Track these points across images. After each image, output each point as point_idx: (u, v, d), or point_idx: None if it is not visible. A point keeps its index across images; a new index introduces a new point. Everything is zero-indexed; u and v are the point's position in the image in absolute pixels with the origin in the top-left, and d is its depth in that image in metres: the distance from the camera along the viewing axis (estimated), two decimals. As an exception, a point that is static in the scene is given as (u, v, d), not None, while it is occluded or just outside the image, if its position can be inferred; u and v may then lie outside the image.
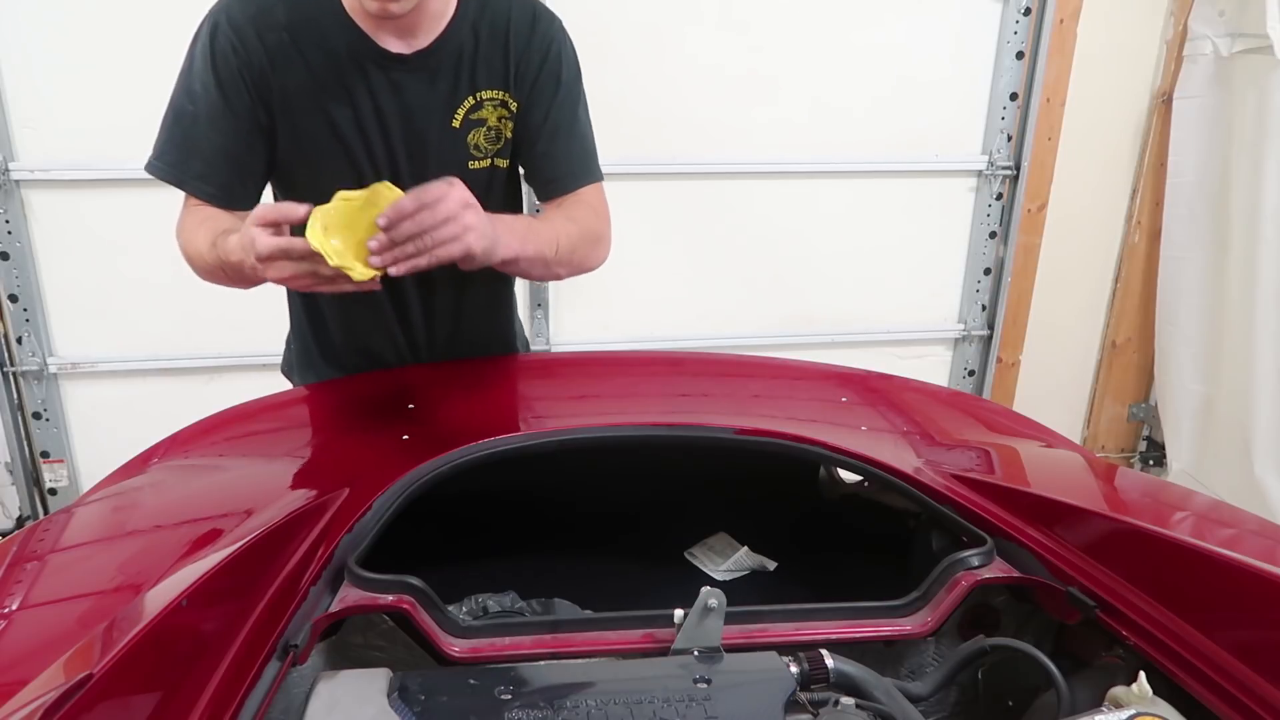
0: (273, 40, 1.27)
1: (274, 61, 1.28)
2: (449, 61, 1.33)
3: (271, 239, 1.06)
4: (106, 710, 0.66)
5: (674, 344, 3.09)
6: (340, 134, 1.35)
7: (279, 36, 1.27)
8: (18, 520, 2.90)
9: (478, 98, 1.38)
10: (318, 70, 1.30)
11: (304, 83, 1.30)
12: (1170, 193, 3.24)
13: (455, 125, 1.38)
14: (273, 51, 1.28)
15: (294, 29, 1.28)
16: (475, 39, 1.34)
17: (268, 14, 1.27)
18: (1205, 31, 3.05)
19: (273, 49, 1.28)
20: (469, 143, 1.41)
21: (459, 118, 1.37)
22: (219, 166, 1.31)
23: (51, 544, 1.06)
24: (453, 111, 1.37)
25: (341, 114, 1.33)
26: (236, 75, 1.27)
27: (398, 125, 1.36)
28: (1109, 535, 1.08)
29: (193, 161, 1.30)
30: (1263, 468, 3.02)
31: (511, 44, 1.36)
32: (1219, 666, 0.89)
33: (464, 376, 1.61)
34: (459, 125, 1.38)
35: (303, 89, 1.30)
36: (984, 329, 3.38)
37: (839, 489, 1.61)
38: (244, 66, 1.27)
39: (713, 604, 0.96)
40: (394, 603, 0.98)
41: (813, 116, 3.03)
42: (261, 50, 1.27)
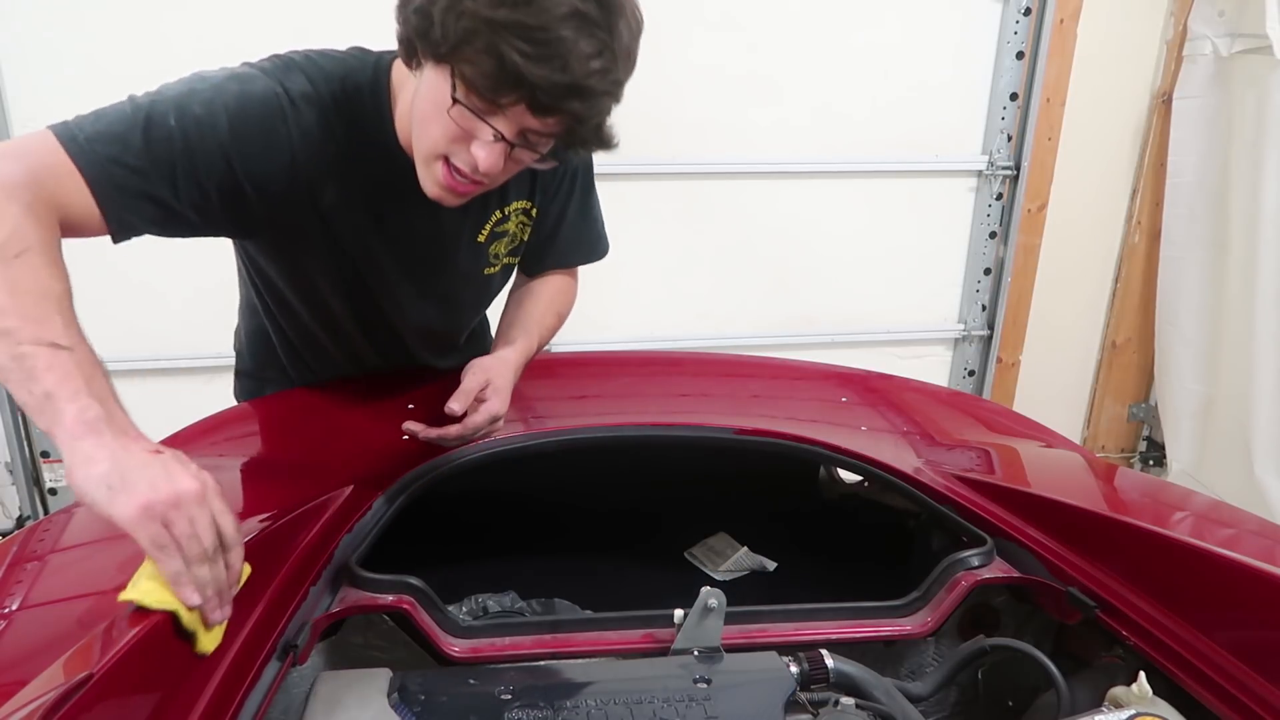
0: (331, 154, 1.14)
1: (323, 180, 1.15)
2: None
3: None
4: (106, 710, 0.66)
5: (674, 344, 3.08)
6: (359, 256, 1.26)
7: (335, 149, 1.15)
8: (18, 520, 2.90)
9: (505, 211, 1.33)
10: (356, 193, 1.19)
11: (339, 196, 1.18)
12: (1170, 193, 3.24)
13: (480, 240, 1.34)
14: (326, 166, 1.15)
15: (349, 144, 1.16)
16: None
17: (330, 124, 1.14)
18: (1205, 31, 3.05)
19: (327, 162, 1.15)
20: (489, 253, 1.37)
21: (485, 232, 1.33)
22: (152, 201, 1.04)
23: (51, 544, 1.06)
24: (480, 227, 1.32)
25: (367, 237, 1.24)
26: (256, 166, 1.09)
27: (425, 244, 1.29)
28: (1109, 535, 1.08)
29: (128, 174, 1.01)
30: (1263, 468, 3.02)
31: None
32: (1219, 666, 0.89)
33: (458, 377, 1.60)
34: (484, 239, 1.34)
35: (335, 202, 1.19)
36: (984, 329, 3.38)
37: (839, 489, 1.61)
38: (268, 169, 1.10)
39: (713, 604, 0.96)
40: (394, 603, 0.98)
41: (813, 117, 3.03)
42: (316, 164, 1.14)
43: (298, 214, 1.17)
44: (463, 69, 0.98)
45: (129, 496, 0.74)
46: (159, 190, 1.03)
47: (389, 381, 1.50)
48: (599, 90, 0.99)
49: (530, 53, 0.94)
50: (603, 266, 1.59)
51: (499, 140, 1.02)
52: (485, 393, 1.20)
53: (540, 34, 0.94)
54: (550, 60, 0.95)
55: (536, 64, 0.94)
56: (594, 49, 0.96)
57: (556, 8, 0.94)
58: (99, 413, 0.78)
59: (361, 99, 1.16)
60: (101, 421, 0.77)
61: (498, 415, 1.20)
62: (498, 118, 1.01)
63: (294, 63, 1.14)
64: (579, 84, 0.97)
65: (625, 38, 1.01)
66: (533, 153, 1.07)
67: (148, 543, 0.74)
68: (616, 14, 0.99)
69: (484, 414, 1.19)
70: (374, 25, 1.31)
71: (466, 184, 1.08)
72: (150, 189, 1.03)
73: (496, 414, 1.20)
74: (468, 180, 1.08)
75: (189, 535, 0.75)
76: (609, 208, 1.52)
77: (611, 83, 1.01)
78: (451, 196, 1.11)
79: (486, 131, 1.02)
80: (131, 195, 1.02)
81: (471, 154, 1.04)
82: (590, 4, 0.96)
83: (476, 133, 1.03)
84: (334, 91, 1.14)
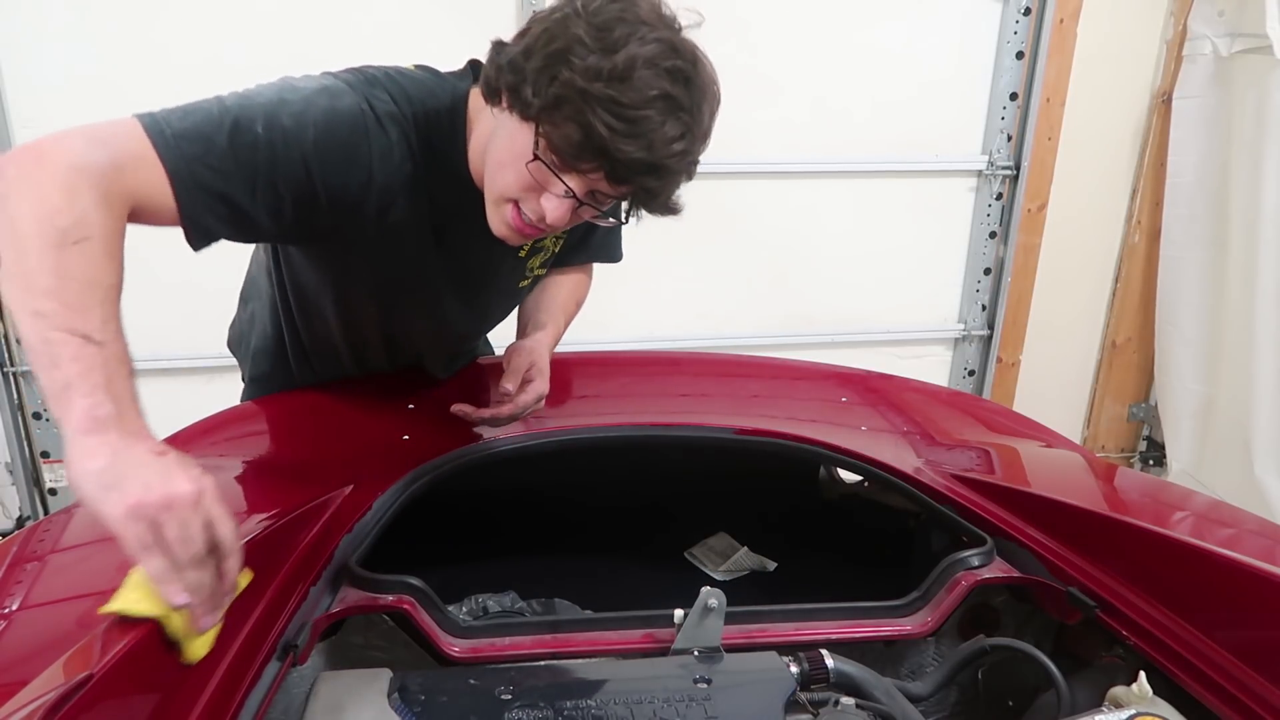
0: (408, 172, 1.15)
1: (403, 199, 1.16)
2: None
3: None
4: (106, 710, 0.66)
5: (674, 344, 3.08)
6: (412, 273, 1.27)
7: (412, 169, 1.15)
8: (18, 520, 2.90)
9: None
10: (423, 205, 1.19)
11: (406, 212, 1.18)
12: (1170, 193, 3.24)
13: (522, 255, 1.36)
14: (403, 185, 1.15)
15: (426, 166, 1.17)
16: None
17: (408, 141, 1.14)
18: (1205, 31, 3.05)
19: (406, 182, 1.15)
20: (527, 266, 1.41)
21: (526, 248, 1.35)
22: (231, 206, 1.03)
23: (51, 544, 1.06)
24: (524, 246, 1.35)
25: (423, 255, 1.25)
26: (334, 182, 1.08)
27: (472, 269, 1.32)
28: (1109, 535, 1.08)
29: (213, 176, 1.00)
30: (1263, 468, 3.02)
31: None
32: (1219, 666, 0.89)
33: (464, 377, 1.61)
34: (525, 254, 1.37)
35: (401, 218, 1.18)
36: (984, 329, 3.38)
37: (839, 489, 1.61)
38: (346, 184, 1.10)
39: (713, 604, 0.96)
40: (394, 603, 0.98)
41: (813, 116, 3.03)
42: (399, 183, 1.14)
43: (364, 226, 1.16)
44: (548, 130, 1.01)
45: (120, 495, 0.73)
46: (237, 194, 1.03)
47: (389, 381, 1.50)
48: (675, 170, 1.04)
49: (618, 129, 0.97)
50: (603, 266, 1.59)
51: (569, 197, 1.06)
52: (530, 372, 1.30)
53: (630, 112, 0.97)
54: (636, 139, 0.98)
55: (622, 139, 0.98)
56: (678, 131, 1.00)
57: (649, 89, 0.97)
58: (110, 411, 0.77)
59: (440, 123, 1.17)
60: (110, 420, 0.77)
61: (543, 394, 1.30)
62: (571, 175, 1.04)
63: (377, 80, 1.14)
64: (659, 163, 1.01)
65: (706, 120, 1.05)
66: (596, 210, 1.10)
67: (133, 542, 0.73)
68: (703, 98, 1.03)
69: (532, 393, 1.29)
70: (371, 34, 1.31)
71: (531, 229, 1.12)
72: (229, 191, 1.02)
73: (542, 392, 1.30)
74: (532, 226, 1.11)
75: (179, 539, 0.74)
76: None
77: (689, 163, 1.06)
78: (516, 237, 1.15)
79: (559, 187, 1.05)
80: (210, 195, 1.01)
81: (541, 205, 1.07)
82: (680, 87, 1.00)
83: (549, 186, 1.05)
84: (415, 113, 1.15)
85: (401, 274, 1.27)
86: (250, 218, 1.05)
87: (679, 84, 1.00)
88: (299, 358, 1.49)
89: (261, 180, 1.03)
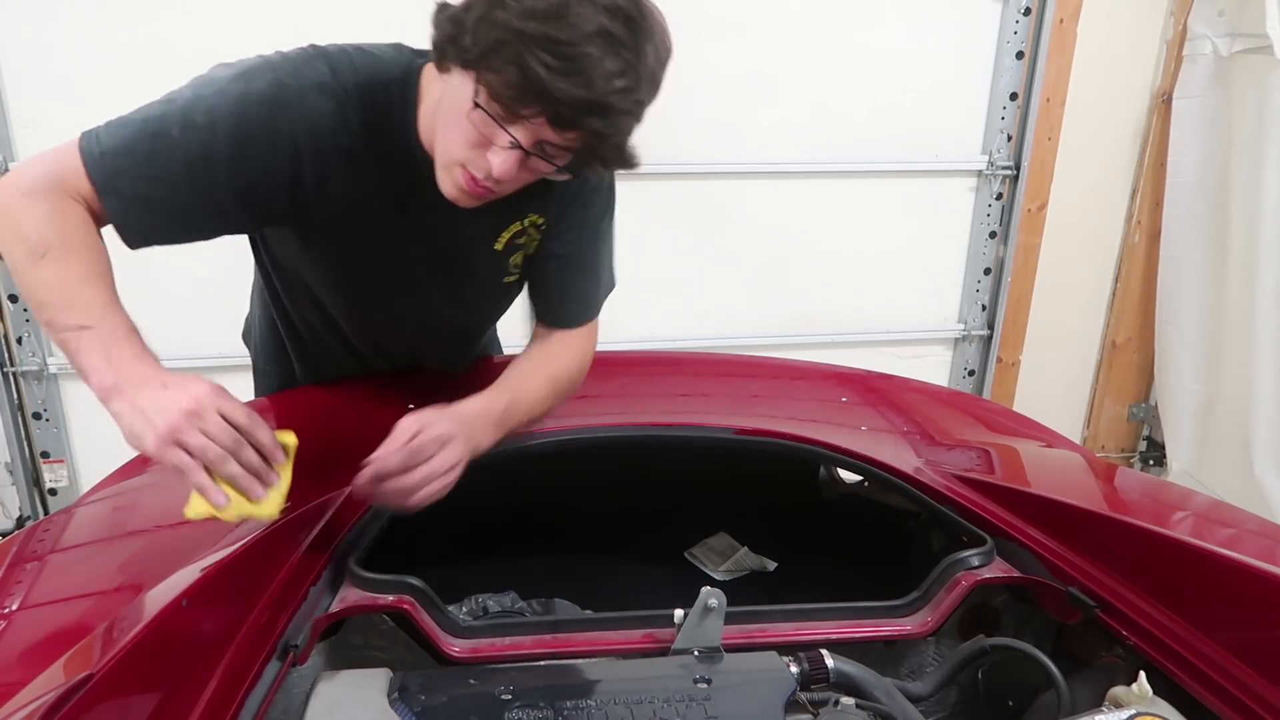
0: (344, 145, 1.13)
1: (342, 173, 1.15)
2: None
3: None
4: (106, 710, 0.66)
5: (674, 344, 3.08)
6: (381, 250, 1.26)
7: (350, 143, 1.13)
8: (18, 520, 2.90)
9: (524, 223, 1.30)
10: (375, 185, 1.19)
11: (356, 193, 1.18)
12: (1170, 193, 3.23)
13: (498, 249, 1.31)
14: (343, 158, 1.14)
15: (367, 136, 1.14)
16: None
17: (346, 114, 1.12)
18: (1205, 31, 3.05)
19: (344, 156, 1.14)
20: (509, 263, 1.34)
21: (503, 241, 1.30)
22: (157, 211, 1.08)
23: (51, 544, 1.06)
24: (498, 235, 1.29)
25: (388, 231, 1.24)
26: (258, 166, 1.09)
27: (444, 249, 1.29)
28: (1109, 535, 1.08)
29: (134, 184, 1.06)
30: (1263, 468, 3.02)
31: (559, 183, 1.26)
32: (1219, 666, 0.89)
33: (465, 377, 1.60)
34: (502, 248, 1.31)
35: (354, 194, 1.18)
36: (984, 329, 3.38)
37: (839, 489, 1.61)
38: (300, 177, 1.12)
39: (713, 604, 0.96)
40: (394, 603, 0.98)
41: (812, 116, 3.03)
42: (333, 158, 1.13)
43: (308, 200, 1.17)
44: (488, 77, 0.99)
45: (150, 436, 0.90)
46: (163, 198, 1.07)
47: (389, 381, 1.50)
48: (620, 108, 0.99)
49: (555, 66, 0.95)
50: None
51: (515, 148, 1.03)
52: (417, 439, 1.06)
53: (567, 49, 0.95)
54: (574, 75, 0.95)
55: (560, 78, 0.95)
56: (618, 68, 0.97)
57: (585, 24, 0.95)
58: (113, 379, 0.94)
59: (389, 95, 1.16)
60: (116, 385, 0.94)
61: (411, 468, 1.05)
62: (517, 126, 1.01)
63: (324, 53, 1.15)
64: (600, 101, 0.97)
65: (651, 60, 1.01)
66: (549, 164, 1.07)
67: (174, 468, 0.90)
68: (644, 36, 0.99)
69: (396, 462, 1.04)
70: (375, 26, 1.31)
71: (482, 188, 1.09)
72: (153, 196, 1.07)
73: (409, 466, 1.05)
74: (483, 186, 1.08)
75: (201, 445, 0.90)
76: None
77: (633, 102, 1.01)
78: (467, 199, 1.12)
79: (503, 138, 1.02)
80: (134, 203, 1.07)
81: (487, 159, 1.04)
82: (619, 24, 0.96)
83: (494, 139, 1.03)
84: (359, 83, 1.14)
85: (370, 252, 1.26)
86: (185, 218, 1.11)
87: (618, 20, 0.96)
88: (297, 353, 1.50)
89: (183, 182, 1.07)
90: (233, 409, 0.93)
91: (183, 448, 0.90)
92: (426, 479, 1.06)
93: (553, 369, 1.31)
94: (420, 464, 1.05)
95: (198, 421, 0.90)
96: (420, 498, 1.06)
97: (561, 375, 1.32)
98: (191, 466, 0.90)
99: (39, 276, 0.99)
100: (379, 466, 1.04)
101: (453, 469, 1.08)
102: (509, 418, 1.21)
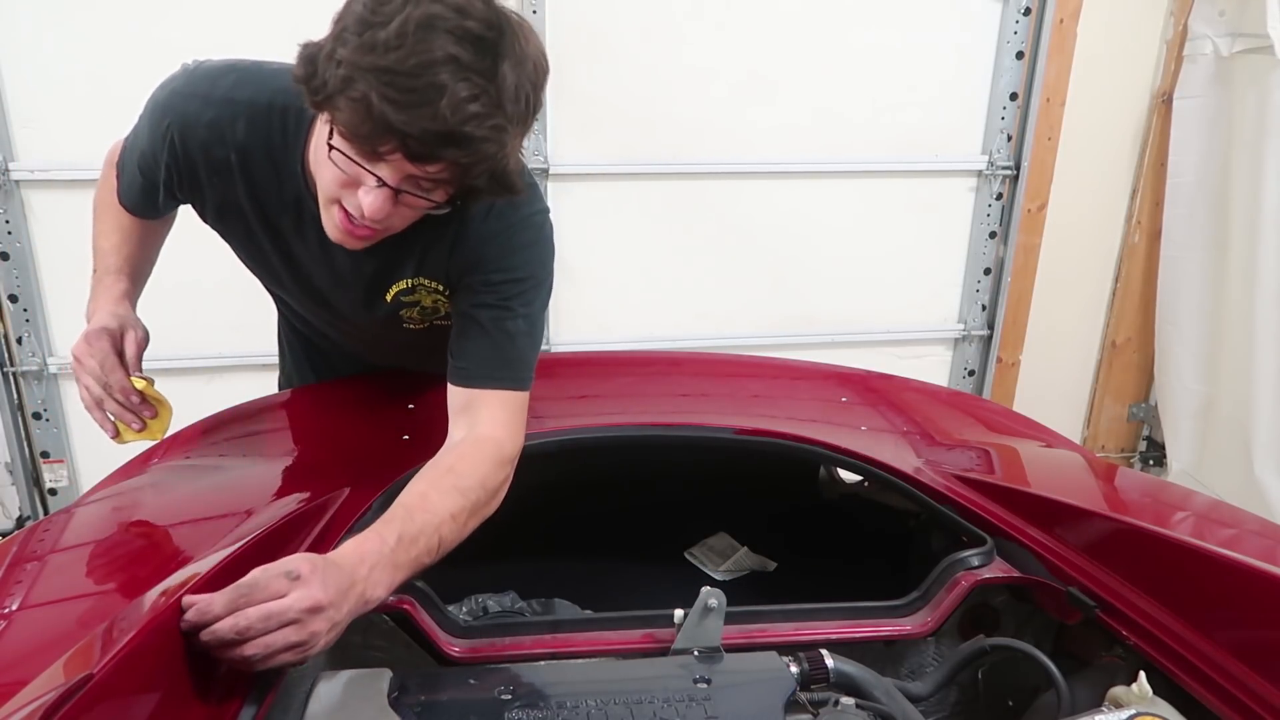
0: (219, 156, 1.17)
1: (210, 178, 1.20)
2: (388, 244, 1.15)
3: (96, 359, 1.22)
4: (106, 710, 0.66)
5: (674, 344, 3.08)
6: (270, 262, 1.29)
7: (226, 154, 1.17)
8: (18, 520, 2.90)
9: (412, 283, 1.25)
10: (255, 202, 1.20)
11: (239, 206, 1.21)
12: (1170, 193, 3.23)
13: (386, 300, 1.26)
14: (214, 166, 1.18)
15: (245, 154, 1.17)
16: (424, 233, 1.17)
17: (224, 127, 1.16)
18: (1205, 31, 3.05)
19: (214, 165, 1.18)
20: (402, 316, 1.30)
21: (390, 294, 1.26)
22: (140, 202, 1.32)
23: (51, 544, 1.06)
24: (385, 287, 1.26)
25: (272, 248, 1.26)
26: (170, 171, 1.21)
27: (327, 282, 1.28)
28: (1109, 535, 1.08)
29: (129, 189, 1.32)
30: (1263, 468, 3.02)
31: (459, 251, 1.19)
32: (1219, 666, 0.89)
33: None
34: (390, 300, 1.27)
35: (236, 211, 1.22)
36: (984, 329, 3.38)
37: (839, 489, 1.61)
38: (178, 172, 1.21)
39: (713, 604, 0.96)
40: (394, 603, 0.98)
41: (812, 116, 3.03)
42: (202, 163, 1.18)
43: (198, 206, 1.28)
44: (338, 116, 0.95)
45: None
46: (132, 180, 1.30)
47: (389, 381, 1.50)
48: (477, 136, 0.93)
49: (399, 100, 0.90)
50: (603, 266, 1.59)
51: (382, 186, 0.99)
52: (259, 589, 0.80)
53: (410, 80, 0.90)
54: (418, 107, 0.90)
55: (404, 111, 0.90)
56: (469, 93, 0.91)
57: (429, 53, 0.90)
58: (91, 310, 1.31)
59: (285, 117, 1.15)
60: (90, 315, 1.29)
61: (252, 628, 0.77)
62: (379, 165, 0.98)
63: (237, 67, 1.19)
64: (453, 131, 0.92)
65: (510, 80, 0.94)
66: (425, 199, 1.03)
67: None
68: (499, 57, 0.94)
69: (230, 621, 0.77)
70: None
71: (362, 229, 1.06)
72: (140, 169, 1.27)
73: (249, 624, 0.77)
74: (361, 226, 1.05)
75: (83, 391, 1.22)
76: (610, 208, 1.51)
77: (491, 128, 0.94)
78: (351, 240, 1.09)
79: (369, 179, 0.99)
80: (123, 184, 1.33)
81: (359, 199, 1.01)
82: (466, 48, 0.91)
83: (360, 179, 1.00)
84: (251, 98, 1.15)
85: (263, 261, 1.31)
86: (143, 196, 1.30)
87: (465, 45, 0.91)
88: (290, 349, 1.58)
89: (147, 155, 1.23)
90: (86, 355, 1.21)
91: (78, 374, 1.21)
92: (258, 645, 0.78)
93: (457, 478, 1.07)
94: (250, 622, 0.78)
95: (79, 369, 1.21)
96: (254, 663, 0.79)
97: (469, 484, 1.07)
98: (87, 403, 1.22)
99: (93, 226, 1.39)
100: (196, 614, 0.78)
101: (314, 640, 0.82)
102: (406, 551, 0.96)
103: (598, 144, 2.85)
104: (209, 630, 0.77)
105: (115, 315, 1.27)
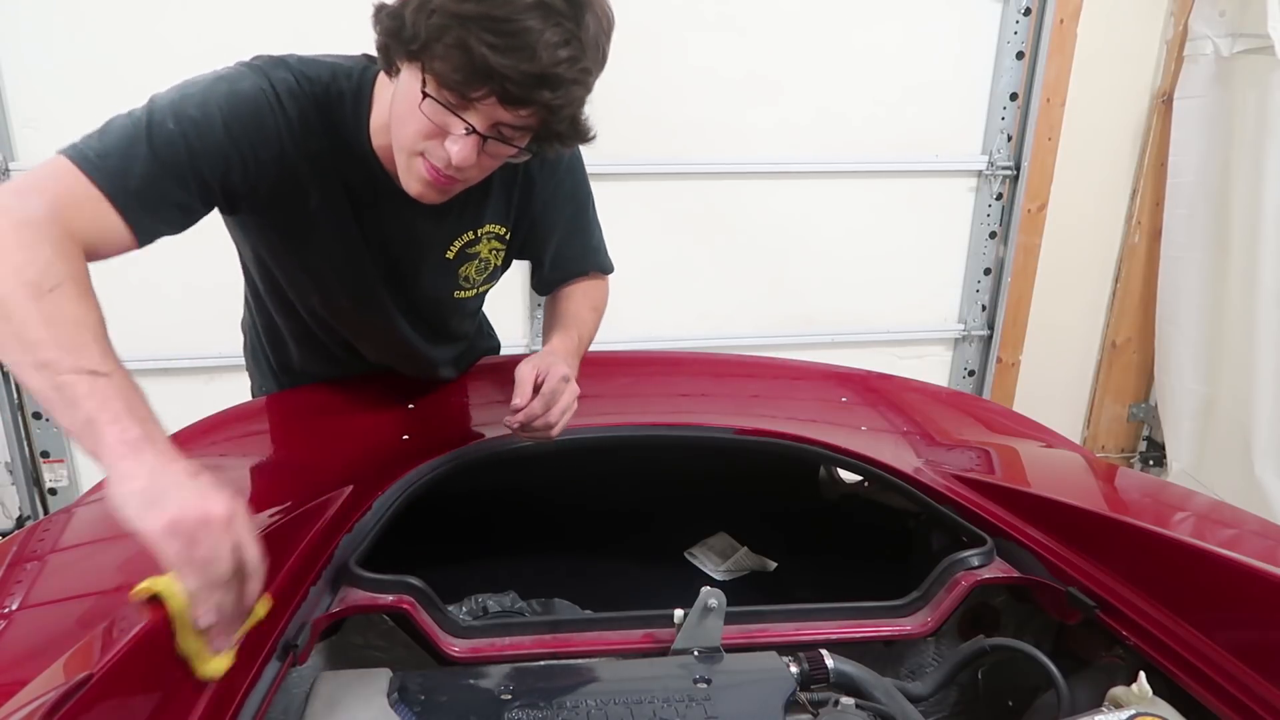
0: (313, 147, 1.17)
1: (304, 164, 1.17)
2: (459, 198, 1.22)
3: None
4: (106, 710, 0.66)
5: (674, 344, 3.08)
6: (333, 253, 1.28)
7: (317, 145, 1.17)
8: (18, 520, 2.90)
9: (477, 233, 1.33)
10: (338, 187, 1.21)
11: (323, 194, 1.21)
12: (1170, 193, 3.24)
13: (449, 257, 1.33)
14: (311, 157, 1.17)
15: (329, 143, 1.18)
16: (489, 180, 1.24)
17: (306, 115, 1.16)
18: (1206, 31, 3.05)
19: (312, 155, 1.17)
20: (460, 274, 1.37)
21: (454, 250, 1.33)
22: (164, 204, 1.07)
23: (51, 544, 1.06)
24: (449, 243, 1.32)
25: (352, 228, 1.26)
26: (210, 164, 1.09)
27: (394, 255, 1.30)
28: (1109, 535, 1.08)
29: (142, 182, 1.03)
30: (1263, 468, 3.02)
31: (520, 184, 1.34)
32: (1219, 666, 0.89)
33: (467, 379, 1.61)
34: (453, 256, 1.34)
35: (320, 200, 1.21)
36: (984, 329, 3.38)
37: (839, 489, 1.61)
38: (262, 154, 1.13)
39: (713, 604, 0.96)
40: (394, 603, 0.98)
41: (813, 117, 3.03)
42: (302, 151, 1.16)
43: (290, 206, 1.20)
44: (433, 65, 0.99)
45: (160, 512, 0.74)
46: (173, 192, 1.07)
47: (389, 381, 1.50)
48: (567, 79, 0.99)
49: (497, 44, 0.95)
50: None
51: (471, 134, 1.03)
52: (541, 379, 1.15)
53: (506, 25, 0.95)
54: (518, 51, 0.95)
55: (504, 55, 0.95)
56: (561, 38, 0.97)
57: (520, 0, 0.95)
58: (139, 434, 0.79)
59: (343, 103, 1.18)
60: (143, 442, 0.79)
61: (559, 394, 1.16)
62: (470, 112, 1.02)
63: (285, 62, 1.17)
64: (547, 73, 0.97)
65: (593, 29, 1.01)
66: (508, 147, 1.07)
67: (172, 558, 0.74)
68: (583, 6, 0.99)
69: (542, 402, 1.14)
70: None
71: (446, 178, 1.09)
72: (165, 191, 1.06)
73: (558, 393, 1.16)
74: (446, 176, 1.09)
75: (210, 559, 0.75)
76: (609, 208, 1.52)
77: (580, 71, 1.00)
78: (433, 192, 1.12)
79: (459, 125, 1.03)
80: (150, 201, 1.04)
81: (445, 149, 1.05)
82: None
83: (449, 127, 1.03)
84: (316, 92, 1.16)
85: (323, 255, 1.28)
86: (190, 209, 1.11)
87: None
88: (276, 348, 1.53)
89: (190, 172, 1.08)
90: (250, 544, 0.79)
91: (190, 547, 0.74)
92: (561, 414, 1.16)
93: (591, 300, 1.46)
94: (555, 405, 1.15)
95: (217, 532, 0.75)
96: (558, 430, 1.17)
97: (599, 305, 1.47)
98: (188, 568, 0.74)
99: (42, 310, 0.84)
100: (525, 416, 1.13)
101: (575, 401, 1.19)
102: (581, 350, 1.35)
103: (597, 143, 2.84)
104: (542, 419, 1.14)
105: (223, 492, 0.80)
